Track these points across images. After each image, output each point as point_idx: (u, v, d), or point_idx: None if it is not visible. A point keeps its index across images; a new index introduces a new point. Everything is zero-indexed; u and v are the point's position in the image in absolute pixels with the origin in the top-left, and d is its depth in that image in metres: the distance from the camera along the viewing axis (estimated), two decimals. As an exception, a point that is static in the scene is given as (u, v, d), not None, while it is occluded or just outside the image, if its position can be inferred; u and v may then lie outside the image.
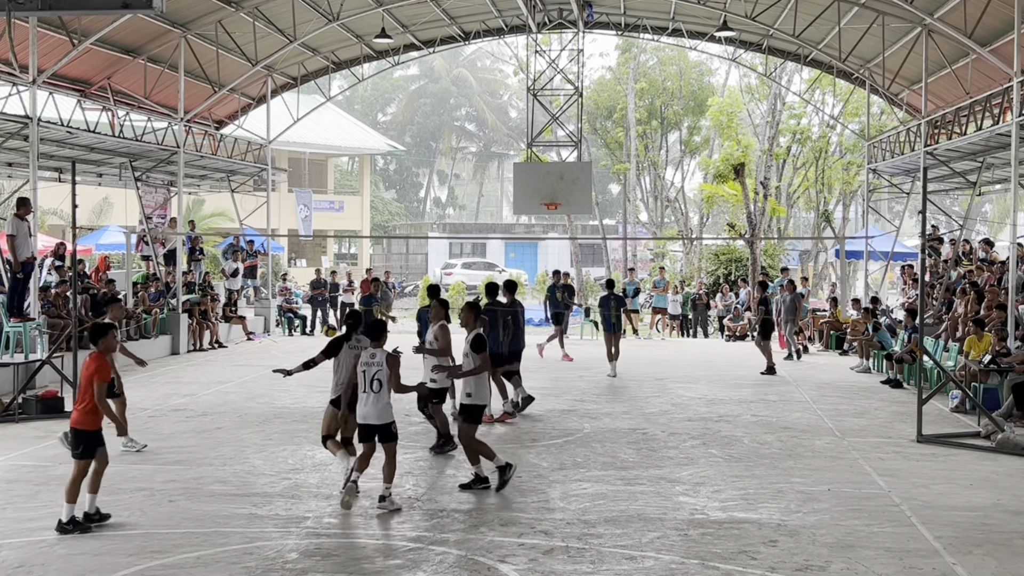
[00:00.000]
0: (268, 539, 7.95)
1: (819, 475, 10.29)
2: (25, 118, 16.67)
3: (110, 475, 9.98)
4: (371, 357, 8.78)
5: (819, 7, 21.68)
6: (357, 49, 26.62)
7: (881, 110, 30.76)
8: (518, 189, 22.74)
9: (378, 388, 8.69)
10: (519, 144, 63.56)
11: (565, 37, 29.21)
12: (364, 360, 8.80)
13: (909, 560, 7.50)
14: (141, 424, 12.91)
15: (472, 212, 77.41)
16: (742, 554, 7.63)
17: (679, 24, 26.11)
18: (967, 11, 18.06)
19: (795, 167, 36.68)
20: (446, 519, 8.58)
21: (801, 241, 46.03)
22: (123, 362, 12.23)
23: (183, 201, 24.44)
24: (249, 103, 26.75)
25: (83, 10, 12.92)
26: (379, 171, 70.00)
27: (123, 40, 20.30)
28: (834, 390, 16.59)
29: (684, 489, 9.67)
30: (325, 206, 47.19)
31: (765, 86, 36.17)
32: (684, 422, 13.40)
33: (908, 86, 23.91)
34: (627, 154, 40.22)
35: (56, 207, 31.41)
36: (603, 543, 7.89)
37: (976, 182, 21.38)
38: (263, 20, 22.26)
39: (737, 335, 25.60)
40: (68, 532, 7.97)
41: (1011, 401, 13.14)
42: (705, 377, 17.87)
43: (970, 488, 9.83)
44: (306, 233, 33.12)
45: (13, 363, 14.66)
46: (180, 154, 22.37)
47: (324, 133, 46.05)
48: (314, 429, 12.61)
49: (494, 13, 25.45)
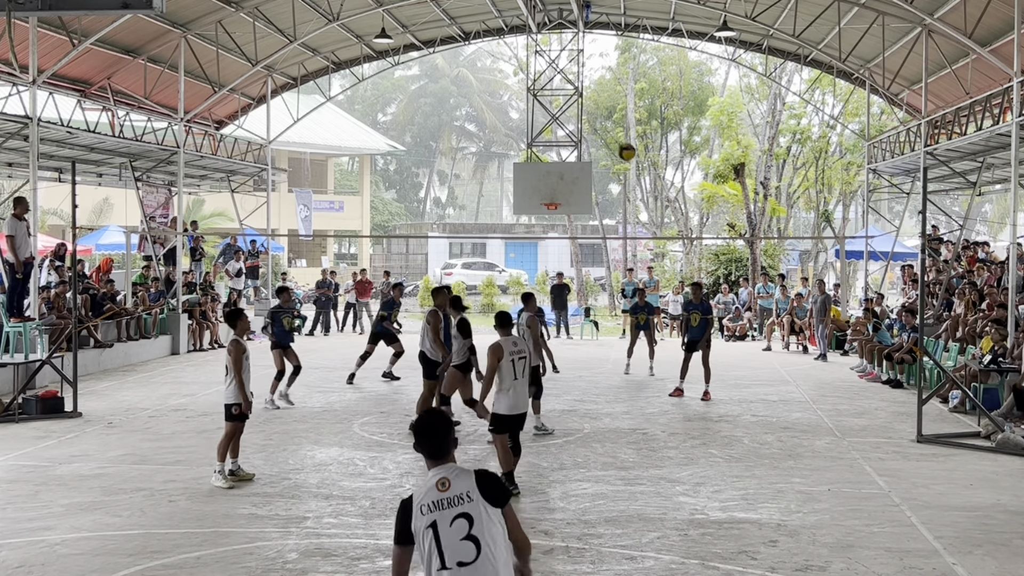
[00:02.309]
0: (268, 539, 7.95)
1: (819, 475, 10.29)
2: (25, 118, 16.67)
3: (110, 475, 10.01)
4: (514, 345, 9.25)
5: (819, 7, 21.69)
6: (357, 49, 26.63)
7: (881, 110, 30.75)
8: (518, 189, 22.73)
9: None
10: (519, 144, 63.56)
11: (565, 37, 29.20)
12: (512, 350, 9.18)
13: (909, 560, 7.50)
14: (141, 424, 12.92)
15: (472, 212, 77.41)
16: (742, 554, 7.63)
17: (679, 24, 26.12)
18: (967, 11, 18.06)
19: (795, 167, 36.66)
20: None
21: (801, 241, 46.03)
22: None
23: (183, 201, 24.44)
24: (249, 103, 26.75)
25: (83, 10, 12.90)
26: (379, 171, 69.98)
27: (123, 40, 20.30)
28: (834, 390, 16.59)
29: (684, 489, 9.67)
30: (325, 206, 47.19)
31: (765, 86, 36.15)
32: (684, 422, 13.40)
33: (908, 86, 23.92)
34: (627, 154, 40.15)
35: (56, 207, 31.42)
36: (603, 543, 7.89)
37: (976, 182, 21.37)
38: (263, 20, 22.27)
39: (737, 335, 25.62)
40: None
41: (1011, 401, 13.13)
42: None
43: (970, 488, 9.83)
44: (306, 233, 33.12)
45: (13, 363, 14.67)
46: (180, 154, 22.37)
47: (324, 133, 46.04)
48: (314, 429, 12.63)
49: (494, 13, 25.46)
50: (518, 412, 9.31)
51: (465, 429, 12.68)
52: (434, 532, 4.16)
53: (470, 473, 4.29)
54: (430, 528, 4.16)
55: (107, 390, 15.89)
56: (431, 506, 4.20)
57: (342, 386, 16.49)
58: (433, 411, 4.59)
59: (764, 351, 22.74)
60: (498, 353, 9.17)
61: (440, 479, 4.26)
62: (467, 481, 4.25)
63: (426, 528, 4.17)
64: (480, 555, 4.13)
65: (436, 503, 4.20)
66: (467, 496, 4.21)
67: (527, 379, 9.40)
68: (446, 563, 4.12)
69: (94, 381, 16.63)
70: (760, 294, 25.89)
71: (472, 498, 4.21)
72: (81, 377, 14.92)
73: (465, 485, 4.24)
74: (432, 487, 4.25)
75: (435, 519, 4.17)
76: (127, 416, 13.50)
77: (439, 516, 4.18)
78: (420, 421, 4.47)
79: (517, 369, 9.21)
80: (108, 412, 13.75)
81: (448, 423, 4.46)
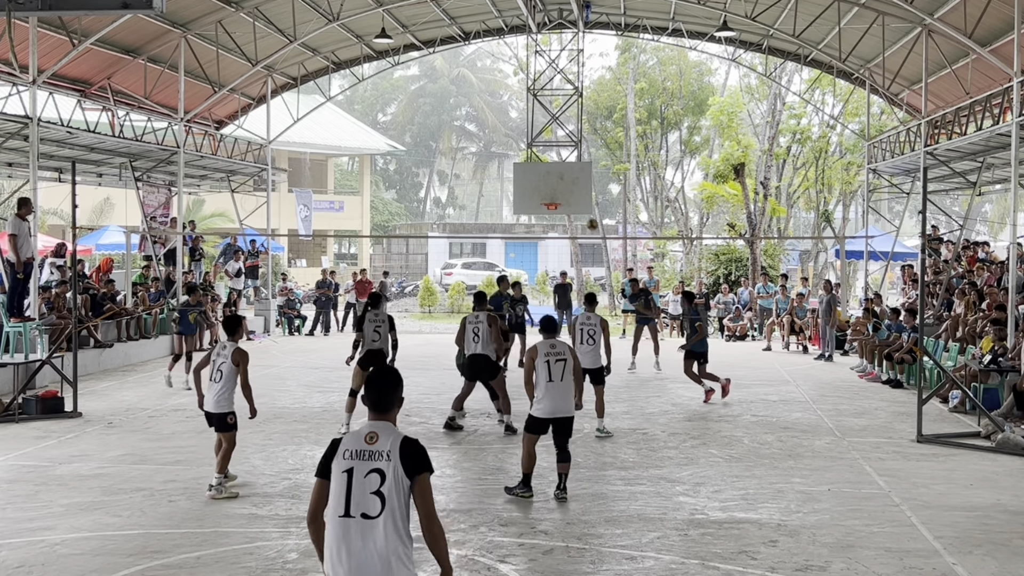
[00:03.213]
0: (268, 539, 7.95)
1: (819, 475, 10.29)
2: (25, 118, 16.67)
3: (110, 475, 10.01)
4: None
5: (819, 7, 21.68)
6: (357, 49, 26.62)
7: (881, 110, 30.74)
8: (518, 189, 22.73)
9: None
10: (519, 144, 63.55)
11: (565, 37, 29.21)
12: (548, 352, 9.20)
13: (909, 560, 7.50)
14: (141, 424, 12.92)
15: (472, 212, 77.41)
16: (742, 554, 7.63)
17: (679, 24, 26.11)
18: (967, 11, 18.06)
19: (795, 167, 36.66)
20: (446, 519, 8.56)
21: (801, 241, 46.02)
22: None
23: (183, 201, 24.45)
24: (249, 103, 26.75)
25: (83, 10, 12.91)
26: (379, 171, 69.98)
27: (123, 40, 20.30)
28: (834, 390, 16.58)
29: (684, 489, 9.66)
30: (325, 206, 47.19)
31: (765, 86, 36.15)
32: (684, 422, 13.40)
33: (908, 86, 23.91)
34: (627, 154, 40.21)
35: (56, 207, 31.39)
36: (603, 543, 7.88)
37: (976, 182, 21.37)
38: (263, 20, 22.26)
39: (737, 335, 25.62)
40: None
41: (1011, 401, 13.13)
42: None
43: (970, 488, 9.83)
44: (306, 233, 33.12)
45: (13, 363, 14.67)
46: (180, 154, 22.37)
47: (324, 133, 46.04)
48: (314, 429, 12.64)
49: (494, 13, 25.46)
50: (554, 416, 9.06)
51: (464, 429, 12.69)
52: (348, 478, 4.26)
53: (399, 436, 4.37)
54: (345, 473, 4.27)
55: (107, 390, 15.89)
56: (353, 453, 4.31)
57: (342, 386, 16.44)
58: (388, 368, 4.66)
59: (764, 351, 22.75)
60: (532, 355, 9.21)
61: (371, 432, 4.37)
62: (393, 442, 4.33)
63: (342, 472, 4.28)
64: (383, 513, 4.21)
65: (358, 452, 4.31)
66: (387, 455, 4.29)
67: (569, 383, 9.18)
68: (350, 511, 4.23)
69: (94, 381, 16.63)
70: (760, 294, 25.89)
71: (391, 459, 4.28)
72: (81, 377, 14.91)
73: (389, 444, 4.32)
74: (361, 437, 4.36)
75: (352, 466, 4.28)
76: (127, 416, 13.50)
77: (356, 465, 4.28)
78: (372, 375, 4.56)
79: (553, 371, 9.04)
80: (108, 412, 13.75)
81: (397, 382, 4.56)
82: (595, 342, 12.55)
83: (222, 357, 9.36)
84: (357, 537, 4.20)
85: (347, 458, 4.31)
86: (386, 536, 4.20)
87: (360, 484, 4.25)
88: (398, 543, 4.21)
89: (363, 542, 4.19)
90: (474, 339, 12.23)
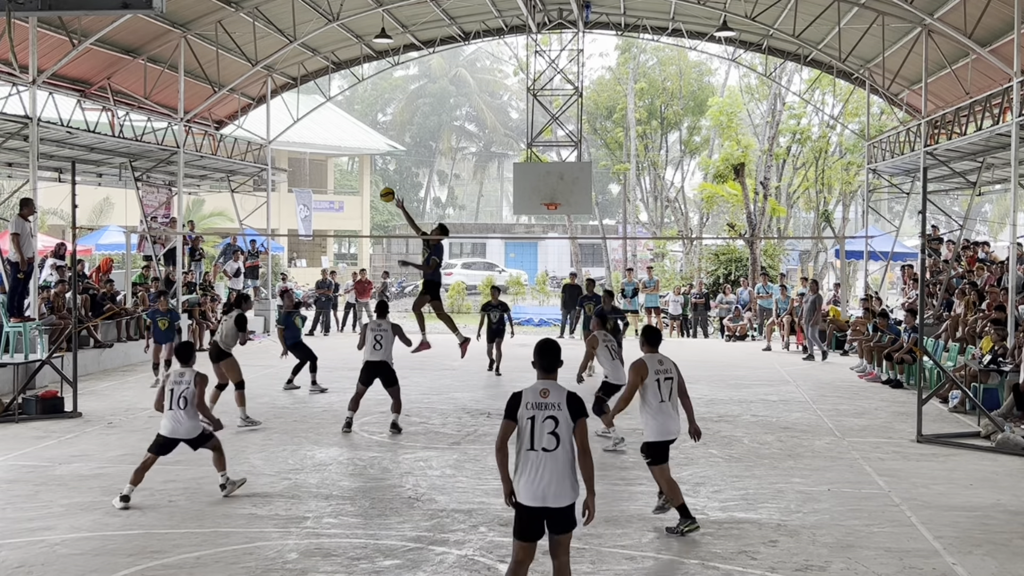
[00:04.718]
0: (268, 539, 7.95)
1: (819, 475, 10.29)
2: (25, 118, 16.67)
3: (110, 475, 10.01)
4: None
5: (819, 7, 21.68)
6: (357, 49, 26.62)
7: (881, 110, 30.75)
8: (518, 189, 22.72)
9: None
10: (519, 144, 63.56)
11: (565, 37, 29.20)
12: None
13: (909, 560, 7.50)
14: (141, 424, 12.91)
15: (472, 212, 77.40)
16: (742, 554, 7.63)
17: (679, 24, 26.11)
18: (967, 11, 18.06)
19: (795, 167, 36.68)
20: (446, 519, 8.57)
21: (801, 241, 46.03)
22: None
23: (183, 201, 24.44)
24: (249, 103, 26.75)
25: (83, 10, 12.90)
26: (379, 171, 69.99)
27: (123, 40, 20.30)
28: (834, 390, 16.58)
29: (684, 489, 9.60)
30: (325, 206, 47.19)
31: (765, 86, 36.17)
32: (684, 422, 13.36)
33: (908, 86, 23.92)
34: (627, 154, 40.23)
35: (56, 207, 31.39)
36: (603, 543, 7.88)
37: (976, 182, 21.37)
38: (263, 20, 22.26)
39: (737, 335, 25.62)
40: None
41: (1011, 401, 13.13)
42: (705, 377, 17.84)
43: (970, 488, 9.83)
44: (306, 233, 33.12)
45: (13, 363, 14.67)
46: (180, 154, 22.37)
47: (324, 133, 46.05)
48: (314, 429, 12.63)
49: (494, 13, 25.46)
50: (671, 438, 8.43)
51: (464, 430, 12.69)
52: (532, 423, 5.87)
53: (564, 390, 5.96)
54: (529, 420, 5.88)
55: (107, 390, 15.89)
56: (533, 405, 5.91)
57: (342, 386, 16.44)
58: (550, 340, 6.12)
59: (764, 351, 22.74)
60: (641, 372, 8.21)
61: (543, 388, 5.97)
62: (561, 395, 5.93)
63: (527, 419, 5.88)
64: (559, 447, 5.83)
65: (537, 404, 5.91)
66: (558, 405, 5.89)
67: (676, 403, 8.38)
68: (535, 446, 5.85)
69: (94, 381, 16.63)
70: (760, 294, 25.89)
71: (561, 408, 5.88)
72: (81, 377, 14.91)
73: (558, 397, 5.92)
74: (537, 392, 5.95)
75: (534, 415, 5.88)
76: (127, 416, 13.50)
77: (536, 413, 5.88)
78: (542, 343, 6.07)
79: (663, 391, 8.26)
80: (108, 412, 13.75)
81: (558, 350, 6.08)
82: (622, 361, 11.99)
83: (183, 384, 9.07)
84: (541, 464, 5.81)
85: (529, 408, 5.89)
86: (561, 462, 5.81)
87: (540, 427, 5.84)
88: (567, 467, 5.83)
89: (545, 468, 5.80)
90: (375, 346, 12.37)
